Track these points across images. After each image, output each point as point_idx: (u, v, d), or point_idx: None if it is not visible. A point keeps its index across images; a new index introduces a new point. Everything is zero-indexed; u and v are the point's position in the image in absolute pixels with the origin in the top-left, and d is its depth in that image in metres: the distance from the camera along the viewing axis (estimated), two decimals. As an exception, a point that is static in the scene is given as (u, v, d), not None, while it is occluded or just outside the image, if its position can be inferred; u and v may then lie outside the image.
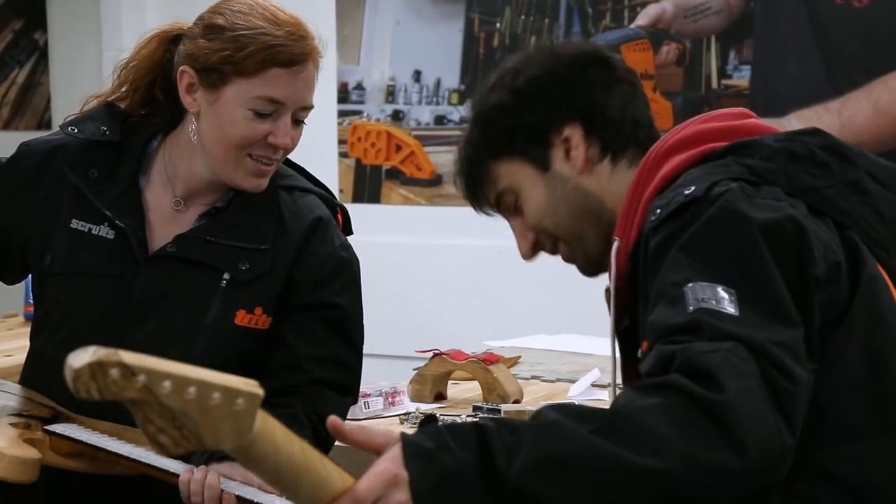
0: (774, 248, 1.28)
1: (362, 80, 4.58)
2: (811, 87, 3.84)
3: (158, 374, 1.08)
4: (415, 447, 1.19)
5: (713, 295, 1.25)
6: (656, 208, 1.36)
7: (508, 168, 1.53)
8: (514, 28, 4.34)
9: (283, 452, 1.17)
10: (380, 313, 4.60)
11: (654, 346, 1.26)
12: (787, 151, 1.39)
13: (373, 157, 4.58)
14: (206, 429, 1.11)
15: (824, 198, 1.37)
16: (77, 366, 1.05)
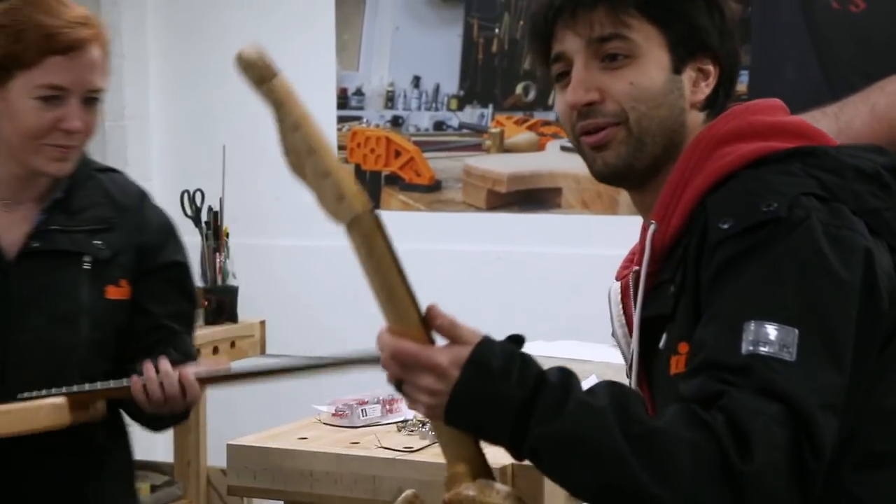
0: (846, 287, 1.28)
1: (361, 86, 4.59)
2: (809, 92, 3.85)
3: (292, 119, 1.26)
4: (480, 359, 1.29)
5: (773, 338, 1.25)
6: (726, 214, 1.32)
7: (649, 32, 1.42)
8: (513, 33, 4.35)
9: (377, 266, 1.32)
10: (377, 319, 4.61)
11: (700, 372, 1.27)
12: (855, 168, 1.37)
13: (372, 163, 4.59)
14: (313, 187, 1.28)
15: (883, 220, 1.36)
16: (241, 54, 1.23)
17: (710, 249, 1.32)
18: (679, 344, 1.34)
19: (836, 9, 3.85)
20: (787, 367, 1.24)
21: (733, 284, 1.29)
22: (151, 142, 4.91)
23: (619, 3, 1.41)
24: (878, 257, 1.31)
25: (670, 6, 1.42)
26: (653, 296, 1.42)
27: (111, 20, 4.78)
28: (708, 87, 1.45)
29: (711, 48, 1.45)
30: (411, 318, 1.34)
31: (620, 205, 4.17)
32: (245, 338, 3.52)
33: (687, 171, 1.40)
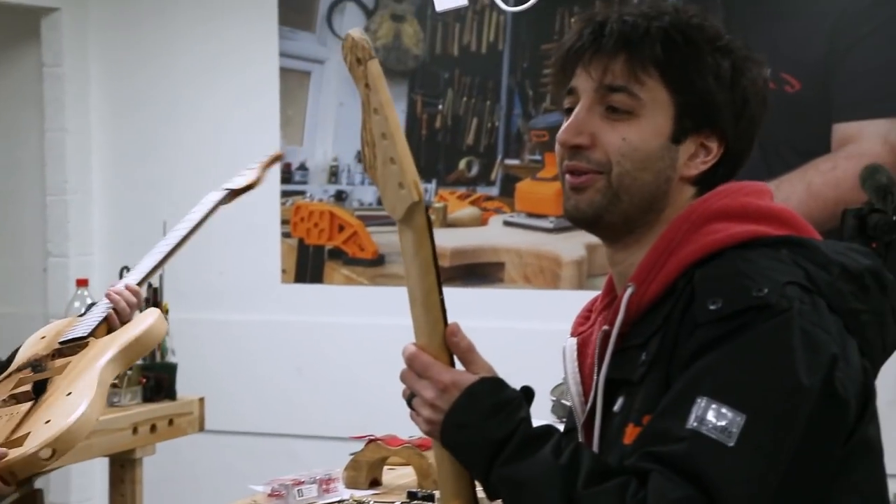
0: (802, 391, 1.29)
1: (305, 161, 4.61)
2: (747, 169, 3.90)
3: (378, 98, 1.31)
4: (477, 391, 1.36)
5: (719, 420, 1.26)
6: (717, 295, 1.32)
7: (659, 95, 1.41)
8: (457, 110, 4.39)
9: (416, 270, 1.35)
10: (321, 394, 4.59)
11: (645, 441, 1.30)
12: (841, 266, 1.38)
13: (315, 237, 4.59)
14: (381, 177, 1.33)
15: (859, 323, 1.37)
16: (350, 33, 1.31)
17: (693, 327, 1.33)
18: (644, 416, 1.34)
19: (772, 88, 3.92)
20: (721, 453, 1.25)
21: (701, 360, 1.30)
22: (93, 216, 4.88)
23: (639, 58, 1.41)
24: (843, 364, 1.32)
25: (689, 75, 1.41)
26: (619, 358, 1.41)
27: (54, 94, 4.77)
28: (705, 163, 1.44)
29: (720, 126, 1.43)
30: (438, 331, 1.39)
31: (562, 279, 4.19)
32: (183, 415, 3.47)
33: (674, 241, 1.40)
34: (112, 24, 4.83)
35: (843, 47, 3.84)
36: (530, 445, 1.33)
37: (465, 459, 1.38)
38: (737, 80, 1.43)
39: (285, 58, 4.60)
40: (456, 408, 1.36)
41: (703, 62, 1.42)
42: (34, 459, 2.01)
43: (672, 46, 1.41)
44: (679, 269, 1.38)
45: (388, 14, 4.47)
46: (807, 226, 1.45)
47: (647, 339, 1.38)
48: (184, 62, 4.76)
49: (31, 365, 2.35)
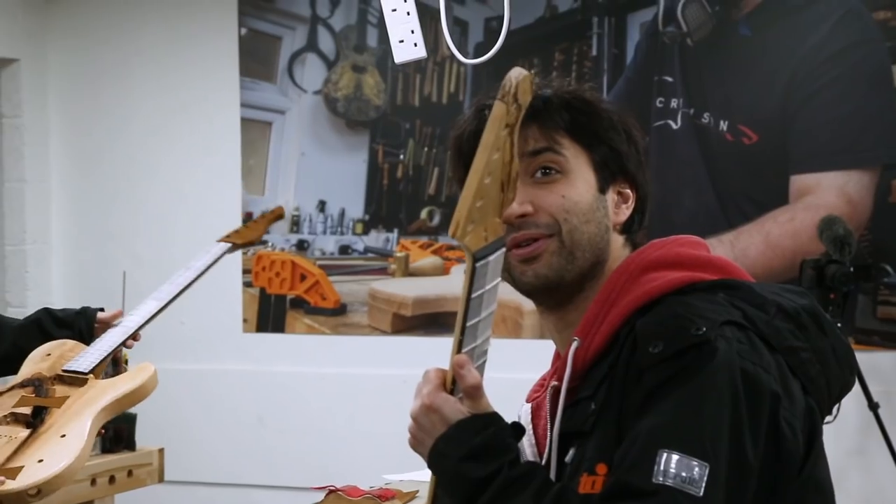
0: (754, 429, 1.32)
1: (267, 210, 4.60)
2: (705, 219, 3.96)
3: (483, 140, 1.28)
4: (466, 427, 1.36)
5: (686, 471, 1.28)
6: (657, 338, 1.35)
7: (577, 152, 1.48)
8: (418, 159, 4.41)
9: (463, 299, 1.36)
10: (282, 444, 4.57)
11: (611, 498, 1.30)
12: (777, 305, 1.41)
13: (277, 287, 4.58)
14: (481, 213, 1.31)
15: (800, 360, 1.40)
16: (513, 75, 1.28)
17: (638, 372, 1.35)
18: (597, 465, 1.35)
19: (730, 140, 3.99)
20: (692, 503, 1.27)
21: (655, 409, 1.32)
22: (52, 266, 4.85)
23: (550, 124, 1.47)
24: (786, 402, 1.35)
25: (595, 130, 1.48)
26: (570, 412, 1.43)
27: (13, 145, 4.75)
28: (628, 209, 1.50)
29: (630, 173, 1.51)
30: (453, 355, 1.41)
31: (525, 328, 4.20)
32: (143, 466, 3.44)
33: (613, 292, 1.43)
34: (72, 76, 4.83)
35: (800, 99, 3.90)
36: (513, 487, 1.34)
37: (445, 487, 1.40)
38: (629, 131, 1.52)
39: (246, 108, 4.62)
40: (444, 441, 1.37)
41: (601, 118, 1.50)
42: (22, 496, 2.25)
43: (573, 110, 1.48)
44: (621, 318, 1.41)
45: (349, 65, 4.50)
46: (743, 273, 1.48)
47: (595, 390, 1.40)
48: (144, 112, 4.77)
49: (33, 384, 2.47)
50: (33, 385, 2.52)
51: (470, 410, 1.38)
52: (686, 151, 4.03)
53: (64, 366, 2.58)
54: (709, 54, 4.02)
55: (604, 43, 4.16)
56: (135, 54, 4.77)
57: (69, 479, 2.31)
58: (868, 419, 3.65)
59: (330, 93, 4.52)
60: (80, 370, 2.57)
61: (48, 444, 2.35)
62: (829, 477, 1.43)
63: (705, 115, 4.02)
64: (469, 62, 3.03)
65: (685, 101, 4.04)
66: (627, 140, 1.51)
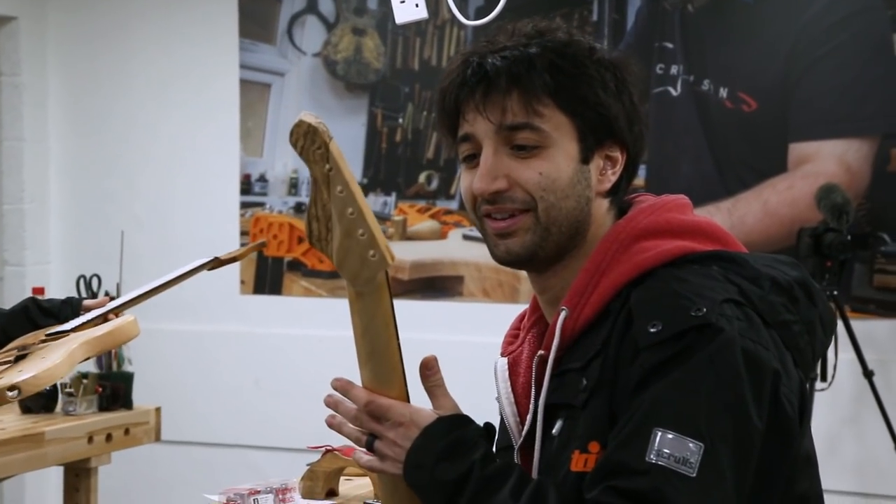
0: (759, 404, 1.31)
1: (265, 172, 4.60)
2: (703, 187, 3.96)
3: (342, 177, 1.30)
4: (432, 432, 1.37)
5: (679, 451, 1.27)
6: (656, 318, 1.32)
7: (560, 122, 1.41)
8: (417, 124, 4.41)
9: (378, 324, 1.37)
10: (278, 405, 4.58)
11: (603, 476, 1.29)
12: (771, 279, 1.39)
13: (275, 249, 4.58)
14: (340, 249, 1.32)
15: (792, 334, 1.38)
16: (304, 119, 1.31)
17: (634, 351, 1.33)
18: (589, 443, 1.34)
19: (730, 108, 3.98)
20: (685, 483, 1.26)
21: (652, 388, 1.30)
22: (50, 226, 4.84)
23: (532, 91, 1.39)
24: (784, 378, 1.34)
25: (582, 94, 1.41)
26: (556, 382, 1.41)
27: (11, 103, 4.74)
28: (614, 174, 1.45)
29: (619, 135, 1.44)
30: (397, 376, 1.41)
31: (521, 293, 4.21)
32: (140, 425, 3.46)
33: (604, 262, 1.40)
34: (71, 34, 4.81)
35: (800, 68, 3.89)
36: (488, 487, 1.33)
37: (425, 500, 1.38)
38: (621, 86, 1.44)
39: (246, 70, 4.60)
40: (413, 448, 1.37)
41: (589, 77, 1.42)
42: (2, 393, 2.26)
43: (558, 71, 1.40)
44: (612, 290, 1.39)
45: (349, 27, 4.48)
46: (730, 237, 1.46)
47: (586, 363, 1.38)
48: (144, 73, 4.75)
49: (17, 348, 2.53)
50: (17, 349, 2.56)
51: (435, 412, 1.39)
52: (685, 119, 4.02)
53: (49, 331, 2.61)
54: (710, 21, 4.01)
55: (604, 8, 4.14)
56: (134, 14, 4.75)
57: (46, 382, 2.34)
58: (863, 387, 3.66)
59: (329, 55, 4.50)
60: (62, 330, 2.59)
61: (27, 363, 2.42)
62: (813, 446, 1.42)
63: (705, 83, 4.01)
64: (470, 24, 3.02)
65: (685, 68, 4.03)
66: (618, 96, 1.43)
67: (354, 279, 1.34)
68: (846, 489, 3.77)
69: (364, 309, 1.37)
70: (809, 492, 1.39)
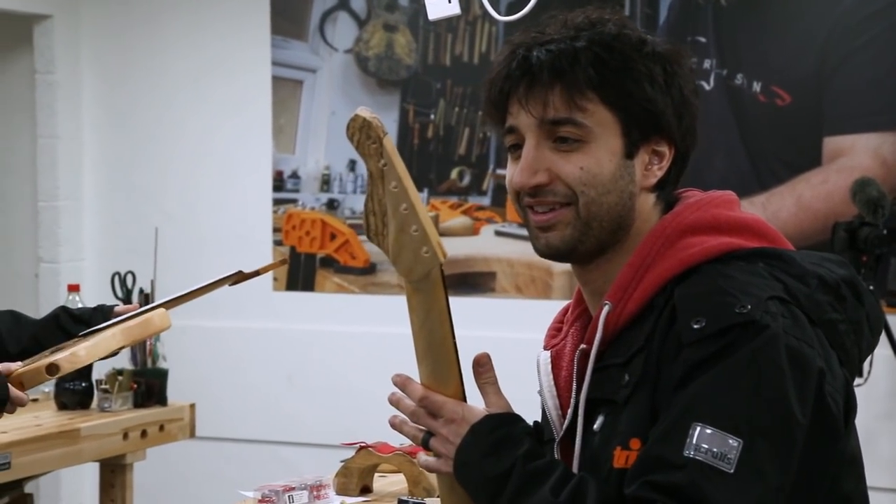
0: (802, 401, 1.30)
1: (297, 169, 4.61)
2: (736, 181, 3.94)
3: (396, 173, 1.33)
4: (480, 429, 1.39)
5: (717, 446, 1.26)
6: (699, 314, 1.32)
7: (604, 117, 1.40)
8: (448, 120, 4.40)
9: (434, 319, 1.38)
10: (311, 402, 4.59)
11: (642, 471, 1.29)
12: (818, 277, 1.38)
13: (307, 246, 4.59)
14: (395, 244, 1.34)
15: (838, 333, 1.38)
16: (359, 114, 1.33)
17: (678, 347, 1.32)
18: (631, 439, 1.34)
19: (763, 102, 3.96)
20: (722, 479, 1.26)
21: (693, 384, 1.30)
22: (84, 223, 4.88)
23: (576, 85, 1.38)
24: (830, 377, 1.33)
25: (627, 88, 1.39)
26: (598, 376, 1.41)
27: (46, 101, 4.77)
28: (661, 169, 1.43)
29: (666, 129, 1.42)
30: (454, 374, 1.42)
31: (554, 290, 4.20)
32: (174, 421, 3.48)
33: (649, 257, 1.39)
34: (105, 31, 4.84)
35: (835, 61, 3.86)
36: (530, 484, 1.34)
37: (473, 497, 1.40)
38: (670, 80, 1.41)
39: (277, 66, 4.61)
40: (461, 446, 1.39)
41: (636, 72, 1.40)
42: (39, 371, 2.33)
43: (603, 65, 1.39)
44: (656, 285, 1.38)
45: (380, 24, 4.48)
46: (778, 235, 1.45)
47: (628, 359, 1.37)
48: (176, 70, 4.77)
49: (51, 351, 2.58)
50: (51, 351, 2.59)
51: (487, 411, 1.41)
52: (718, 113, 4.00)
53: None
54: (743, 14, 3.98)
55: (636, 3, 4.12)
56: (167, 11, 4.77)
57: (82, 362, 2.40)
58: (898, 383, 3.64)
59: (361, 52, 4.51)
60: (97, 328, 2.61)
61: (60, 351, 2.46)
62: (859, 447, 1.41)
63: (738, 76, 3.98)
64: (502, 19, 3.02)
65: (718, 62, 4.01)
66: (667, 89, 1.40)
67: (409, 274, 1.36)
68: (882, 486, 3.74)
69: (420, 304, 1.38)
70: (854, 492, 1.38)
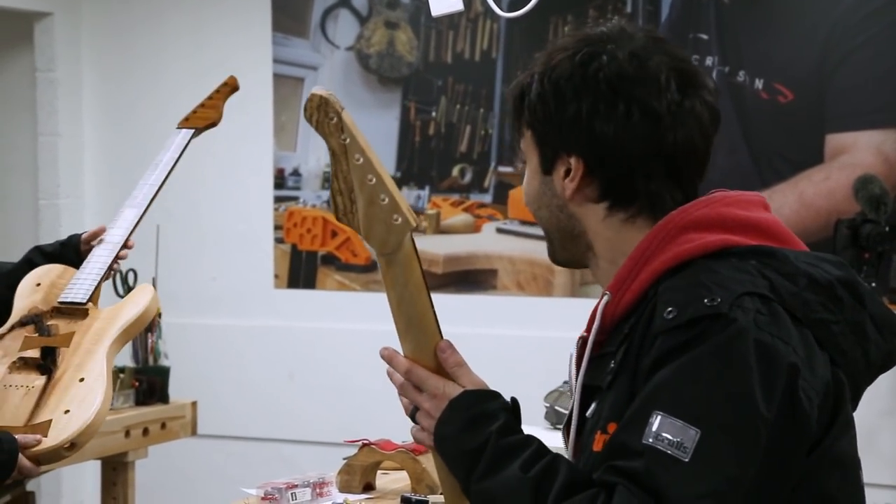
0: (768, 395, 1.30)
1: (298, 167, 4.61)
2: (738, 178, 3.93)
3: (358, 146, 1.32)
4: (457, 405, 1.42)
5: (675, 435, 1.28)
6: (672, 304, 1.34)
7: (528, 139, 1.50)
8: (450, 117, 4.40)
9: (412, 292, 1.39)
10: (313, 400, 4.59)
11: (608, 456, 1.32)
12: (808, 276, 1.38)
13: (308, 243, 4.59)
14: (365, 218, 1.34)
15: (830, 333, 1.38)
16: (315, 92, 1.33)
17: (653, 336, 1.35)
18: (609, 424, 1.36)
19: (765, 99, 3.95)
20: (677, 467, 1.27)
21: (659, 373, 1.32)
22: (85, 221, 4.87)
23: (516, 113, 1.50)
24: (806, 373, 1.33)
25: (533, 106, 1.46)
26: (594, 364, 1.44)
27: (47, 99, 4.77)
28: (572, 181, 1.44)
29: (566, 146, 1.44)
30: (433, 347, 1.45)
31: (555, 287, 4.20)
32: (176, 419, 3.47)
33: (648, 250, 1.41)
34: (105, 29, 4.83)
35: (837, 58, 3.86)
36: (503, 459, 1.36)
37: (452, 472, 1.43)
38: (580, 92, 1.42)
39: (279, 64, 4.61)
40: (440, 420, 1.42)
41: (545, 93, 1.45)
42: (58, 452, 2.28)
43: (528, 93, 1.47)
44: (651, 277, 1.40)
45: (381, 21, 4.48)
46: (791, 236, 1.45)
47: (617, 347, 1.41)
48: (177, 67, 4.77)
49: (33, 321, 2.48)
50: (34, 323, 2.53)
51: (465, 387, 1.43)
52: (720, 110, 3.99)
53: (59, 297, 2.59)
54: (745, 12, 3.98)
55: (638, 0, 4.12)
56: (168, 9, 4.77)
57: (99, 427, 2.36)
58: (900, 380, 3.63)
59: (362, 49, 4.50)
60: (77, 300, 2.57)
61: (70, 391, 2.37)
62: (852, 450, 1.40)
63: (740, 74, 3.98)
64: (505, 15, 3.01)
65: (720, 60, 4.00)
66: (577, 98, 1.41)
67: (383, 246, 1.37)
68: (883, 482, 3.74)
69: (396, 278, 1.40)
70: (837, 494, 1.37)
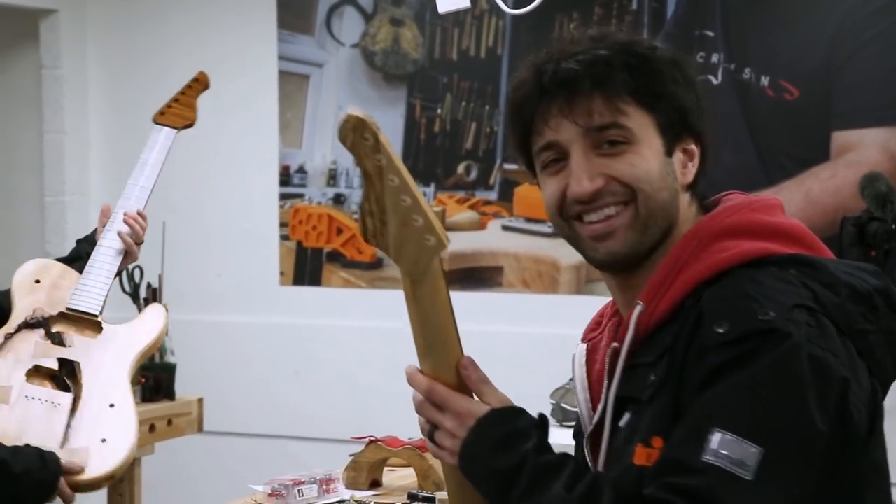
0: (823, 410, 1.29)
1: (304, 164, 4.61)
2: (745, 176, 3.93)
3: (394, 166, 1.30)
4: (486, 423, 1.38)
5: (737, 453, 1.26)
6: (723, 318, 1.32)
7: (641, 118, 1.42)
8: (455, 114, 4.40)
9: (439, 311, 1.36)
10: (319, 397, 4.59)
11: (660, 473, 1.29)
12: (850, 287, 1.38)
13: (314, 240, 4.59)
14: (396, 238, 1.32)
15: (869, 344, 1.37)
16: (351, 113, 1.29)
17: (701, 350, 1.33)
18: (653, 437, 1.34)
19: (771, 96, 3.95)
20: (740, 486, 1.26)
21: (714, 389, 1.30)
22: (91, 218, 4.87)
23: (614, 91, 1.41)
24: (855, 386, 1.33)
25: (658, 90, 1.42)
26: (627, 375, 1.42)
27: (52, 96, 4.77)
28: (694, 166, 1.45)
29: (694, 128, 1.45)
30: (454, 365, 1.41)
31: (560, 284, 4.20)
32: (182, 415, 3.48)
33: (682, 258, 1.40)
34: (111, 26, 4.84)
35: (843, 55, 3.85)
36: (542, 478, 1.34)
37: (482, 492, 1.39)
38: (689, 80, 1.45)
39: (284, 61, 4.61)
40: (468, 440, 1.38)
41: (662, 74, 1.43)
42: (98, 483, 2.34)
43: (633, 69, 1.42)
44: (687, 288, 1.39)
45: (386, 18, 4.48)
46: (817, 242, 1.45)
47: (656, 359, 1.38)
48: (182, 64, 4.76)
49: (40, 324, 2.51)
50: (41, 326, 2.54)
51: (491, 405, 1.39)
52: (726, 107, 3.99)
53: (66, 302, 2.60)
54: (751, 8, 3.97)
55: (644, -4, 4.12)
56: (173, 5, 4.77)
57: (133, 455, 2.44)
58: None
59: (367, 46, 4.50)
60: (90, 311, 2.59)
61: (102, 417, 2.42)
62: (885, 457, 1.41)
63: (746, 71, 3.97)
64: (511, 12, 3.01)
65: (726, 57, 4.00)
66: (688, 90, 1.44)
67: (414, 267, 1.34)
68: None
69: (423, 297, 1.37)
70: (877, 502, 1.38)
